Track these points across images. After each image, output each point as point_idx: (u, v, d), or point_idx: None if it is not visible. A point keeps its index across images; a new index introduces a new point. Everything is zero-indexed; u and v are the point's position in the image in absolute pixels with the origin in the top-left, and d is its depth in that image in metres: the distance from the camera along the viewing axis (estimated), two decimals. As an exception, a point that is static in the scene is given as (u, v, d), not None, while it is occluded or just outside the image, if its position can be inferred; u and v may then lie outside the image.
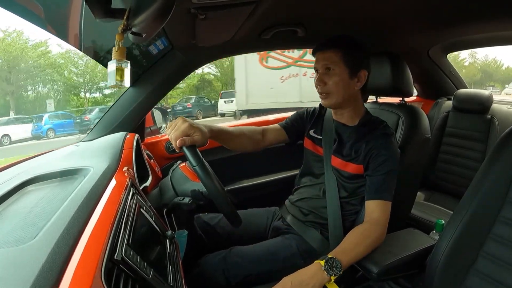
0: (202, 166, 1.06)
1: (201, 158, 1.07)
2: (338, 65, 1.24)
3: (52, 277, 0.50)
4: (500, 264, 0.92)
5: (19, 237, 0.63)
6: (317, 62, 1.29)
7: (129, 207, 0.82)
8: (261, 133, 1.43)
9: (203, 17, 1.11)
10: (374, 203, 1.20)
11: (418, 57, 2.24)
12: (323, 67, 1.27)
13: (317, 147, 1.41)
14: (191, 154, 1.06)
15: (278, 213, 1.53)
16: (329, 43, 1.27)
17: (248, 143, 1.38)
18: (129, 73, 0.96)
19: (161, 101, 24.86)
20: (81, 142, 1.63)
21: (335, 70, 1.24)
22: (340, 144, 1.32)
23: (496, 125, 2.04)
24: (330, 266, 1.04)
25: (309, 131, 1.46)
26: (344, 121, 1.35)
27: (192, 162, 1.06)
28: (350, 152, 1.28)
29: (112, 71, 0.93)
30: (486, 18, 1.44)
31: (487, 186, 0.98)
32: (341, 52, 1.24)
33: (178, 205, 1.19)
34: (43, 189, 0.93)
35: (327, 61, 1.25)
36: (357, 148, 1.26)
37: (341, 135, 1.34)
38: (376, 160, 1.21)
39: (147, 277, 0.66)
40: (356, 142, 1.27)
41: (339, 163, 1.31)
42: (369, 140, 1.24)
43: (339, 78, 1.24)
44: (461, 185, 2.13)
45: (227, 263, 1.24)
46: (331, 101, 1.29)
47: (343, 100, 1.28)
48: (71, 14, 1.18)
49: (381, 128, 1.27)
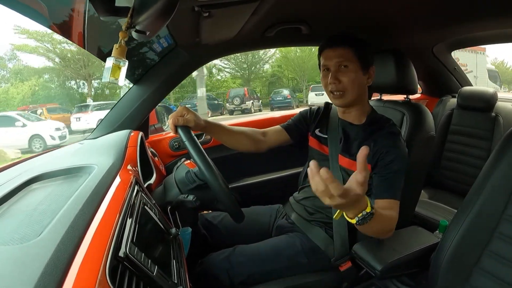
0: (192, 141, 1.09)
1: (193, 135, 1.14)
2: (353, 61, 1.23)
3: (57, 274, 0.50)
4: (504, 262, 0.91)
5: (24, 234, 0.63)
6: (328, 59, 1.26)
7: (133, 205, 0.83)
8: (262, 134, 1.44)
9: (207, 15, 1.11)
10: (384, 202, 1.17)
11: (422, 55, 2.23)
12: (337, 64, 1.24)
13: (323, 146, 1.40)
14: (183, 132, 1.13)
15: (282, 210, 1.53)
16: (340, 40, 1.25)
17: (248, 143, 1.38)
18: (125, 72, 0.96)
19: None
20: (85, 140, 1.63)
21: (349, 67, 1.23)
22: (346, 143, 1.31)
23: (500, 122, 2.02)
24: (362, 217, 0.88)
25: (314, 130, 1.45)
26: (351, 119, 1.34)
27: (182, 138, 1.13)
28: (357, 151, 1.27)
29: (108, 68, 0.94)
30: (491, 15, 1.43)
31: (492, 184, 0.97)
32: (353, 48, 1.23)
33: (182, 203, 1.19)
34: (48, 187, 0.93)
35: (341, 58, 1.23)
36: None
37: (347, 134, 1.33)
38: (385, 159, 1.19)
39: (151, 274, 0.66)
40: (363, 141, 1.25)
41: (346, 163, 1.29)
42: (377, 139, 1.22)
43: (355, 75, 1.23)
44: (466, 183, 2.12)
45: (231, 262, 1.24)
46: (346, 100, 1.26)
47: (357, 97, 1.27)
48: (74, 12, 1.18)
49: (388, 127, 1.26)
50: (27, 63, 24.14)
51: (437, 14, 1.43)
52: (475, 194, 1.01)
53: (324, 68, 1.28)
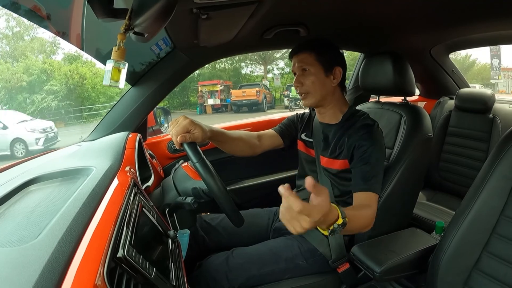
0: (202, 163, 1.06)
1: (202, 155, 1.08)
2: (313, 65, 1.28)
3: (55, 276, 0.50)
4: (503, 263, 0.91)
5: (22, 236, 0.63)
6: (293, 65, 1.35)
7: (131, 207, 0.83)
8: (257, 138, 1.45)
9: (205, 17, 1.11)
10: (361, 194, 1.16)
11: (420, 57, 2.24)
12: (299, 68, 1.31)
13: (309, 150, 1.44)
14: (191, 151, 1.07)
15: (279, 213, 1.53)
16: (302, 46, 1.32)
17: (245, 148, 1.39)
18: (125, 74, 0.96)
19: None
20: (83, 142, 1.63)
21: (310, 70, 1.29)
22: (326, 143, 1.34)
23: (498, 124, 2.03)
24: (333, 229, 0.88)
25: (301, 134, 1.49)
26: (328, 120, 1.37)
27: (192, 159, 1.07)
28: (334, 149, 1.30)
29: (108, 71, 0.93)
30: (489, 17, 1.43)
31: (490, 185, 0.98)
32: (314, 52, 1.28)
33: (180, 205, 1.19)
34: (46, 189, 0.93)
35: (302, 63, 1.30)
36: (340, 144, 1.28)
37: (326, 135, 1.36)
38: (359, 151, 1.21)
39: (149, 276, 0.66)
40: (339, 139, 1.29)
41: (326, 162, 1.33)
42: (351, 134, 1.25)
43: (315, 77, 1.28)
44: (464, 184, 2.12)
45: (229, 266, 1.24)
46: (310, 100, 1.32)
47: (321, 97, 1.31)
48: (73, 13, 1.18)
49: (361, 120, 1.28)
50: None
51: (435, 16, 1.44)
52: (473, 195, 1.01)
53: (293, 73, 1.36)
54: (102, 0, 0.88)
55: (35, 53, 24.30)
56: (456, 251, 1.01)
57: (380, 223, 1.16)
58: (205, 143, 2.04)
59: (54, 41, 24.93)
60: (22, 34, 24.45)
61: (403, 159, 1.34)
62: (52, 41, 24.86)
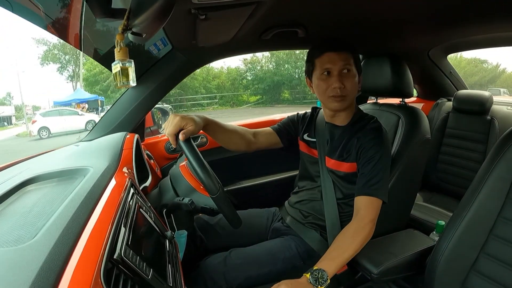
0: (198, 161, 1.06)
1: (201, 157, 1.07)
2: (353, 66, 1.24)
3: (52, 277, 0.50)
4: (500, 264, 0.92)
5: (18, 236, 0.63)
6: (331, 62, 1.22)
7: (128, 207, 0.82)
8: (253, 134, 1.43)
9: (203, 18, 1.11)
10: (362, 199, 1.17)
11: (418, 58, 2.24)
12: (341, 68, 1.22)
13: (312, 150, 1.42)
14: (188, 150, 1.07)
15: (278, 214, 1.53)
16: (342, 44, 1.24)
17: (239, 141, 1.37)
18: (134, 71, 0.95)
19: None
20: (81, 142, 1.63)
21: (352, 71, 1.23)
22: (332, 145, 1.33)
23: (496, 126, 2.03)
24: (316, 279, 1.03)
25: (303, 135, 1.46)
26: (338, 122, 1.35)
27: (188, 157, 1.07)
28: (342, 151, 1.28)
29: (117, 72, 0.93)
30: (487, 19, 1.44)
31: (488, 186, 0.98)
32: (352, 54, 1.24)
33: (178, 206, 1.19)
34: (43, 189, 0.93)
35: (345, 62, 1.22)
36: (349, 146, 1.27)
37: (333, 136, 1.34)
38: (366, 154, 1.20)
39: (146, 277, 0.66)
40: (348, 141, 1.28)
41: (333, 164, 1.31)
42: (360, 137, 1.24)
43: (355, 80, 1.25)
44: (462, 186, 2.13)
45: (227, 266, 1.24)
46: (345, 104, 1.26)
47: (352, 102, 1.29)
48: (71, 13, 1.18)
49: (371, 123, 1.27)
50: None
51: (433, 18, 1.44)
52: (471, 196, 1.01)
53: (324, 71, 1.24)
54: (100, 0, 0.88)
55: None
56: (454, 252, 1.01)
57: (378, 224, 1.16)
58: (203, 143, 2.04)
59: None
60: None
61: (401, 160, 1.34)
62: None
